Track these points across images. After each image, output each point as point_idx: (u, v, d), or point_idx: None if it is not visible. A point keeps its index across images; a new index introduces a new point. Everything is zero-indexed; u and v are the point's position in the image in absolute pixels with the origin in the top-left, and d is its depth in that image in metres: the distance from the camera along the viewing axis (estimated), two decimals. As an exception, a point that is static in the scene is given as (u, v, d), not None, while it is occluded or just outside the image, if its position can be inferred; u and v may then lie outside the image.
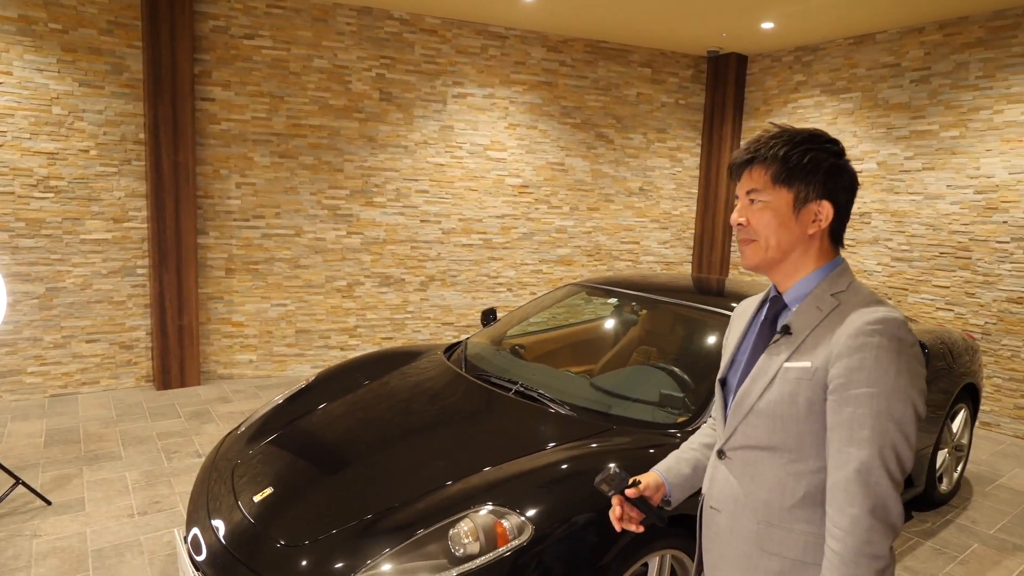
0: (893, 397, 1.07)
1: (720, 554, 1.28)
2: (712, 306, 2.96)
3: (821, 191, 1.21)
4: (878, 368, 1.08)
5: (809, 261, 1.24)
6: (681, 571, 2.21)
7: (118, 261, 4.98)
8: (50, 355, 4.86)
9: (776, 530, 1.18)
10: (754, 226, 1.24)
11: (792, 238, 1.22)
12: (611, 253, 6.93)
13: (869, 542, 1.05)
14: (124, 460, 3.86)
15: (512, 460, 2.16)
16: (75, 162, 4.73)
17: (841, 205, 1.23)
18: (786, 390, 1.16)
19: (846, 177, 1.23)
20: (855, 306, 1.16)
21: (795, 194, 1.21)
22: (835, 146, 1.24)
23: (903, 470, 1.08)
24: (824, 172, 1.20)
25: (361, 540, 1.93)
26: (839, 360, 1.10)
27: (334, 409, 2.75)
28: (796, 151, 1.21)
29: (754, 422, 1.21)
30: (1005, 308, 5.17)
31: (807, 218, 1.21)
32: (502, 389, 2.73)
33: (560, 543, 1.83)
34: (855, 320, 1.12)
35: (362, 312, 5.88)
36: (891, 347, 1.09)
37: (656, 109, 6.85)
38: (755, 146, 1.24)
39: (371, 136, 5.65)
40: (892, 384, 1.07)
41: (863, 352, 1.09)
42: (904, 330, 1.11)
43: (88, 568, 2.79)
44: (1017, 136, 5.04)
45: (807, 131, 1.24)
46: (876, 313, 1.12)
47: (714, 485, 1.31)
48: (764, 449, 1.20)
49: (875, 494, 1.06)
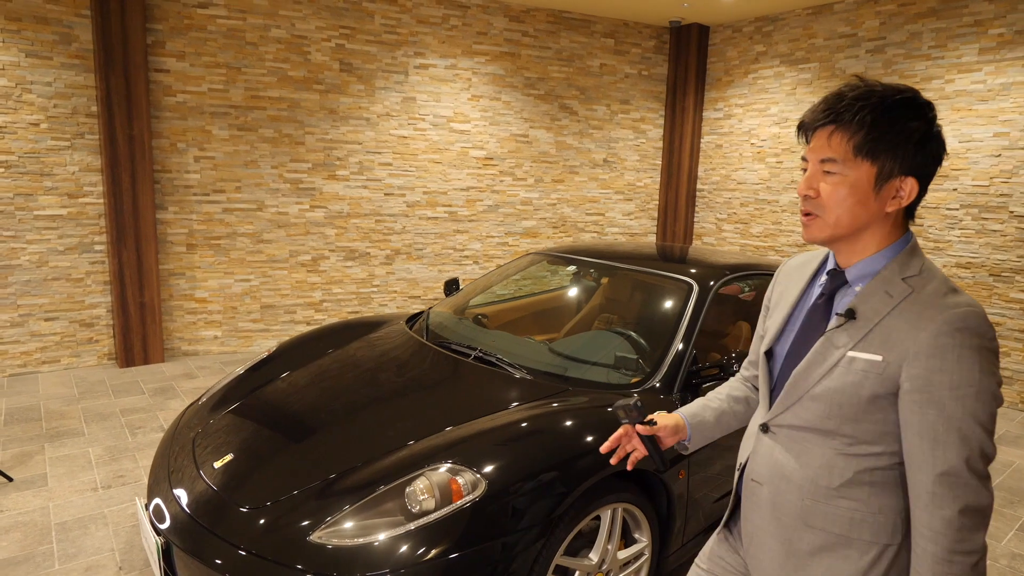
0: (978, 398, 1.03)
1: (760, 525, 1.26)
2: (670, 272, 3.03)
3: (908, 166, 1.09)
4: (961, 369, 1.03)
5: (880, 238, 1.15)
6: (633, 524, 2.30)
7: (74, 237, 4.88)
8: (7, 334, 4.77)
9: (821, 506, 1.16)
10: (824, 201, 1.13)
11: (868, 216, 1.12)
12: (576, 225, 6.99)
13: (962, 540, 1.04)
14: (87, 436, 3.83)
15: (472, 421, 2.22)
16: (25, 136, 4.60)
17: (927, 180, 1.13)
18: (849, 380, 1.11)
19: (936, 147, 1.11)
20: (931, 296, 1.08)
21: (879, 169, 1.09)
22: (930, 111, 1.10)
23: (988, 463, 1.06)
24: (915, 144, 1.08)
25: (322, 499, 1.98)
26: (918, 359, 1.05)
27: (296, 378, 2.78)
28: (886, 119, 1.07)
29: (809, 405, 1.16)
30: (954, 274, 5.36)
31: (887, 195, 1.11)
32: (463, 356, 2.78)
33: (513, 497, 1.90)
34: (936, 316, 1.06)
35: (328, 286, 5.87)
36: (974, 345, 1.03)
37: (619, 80, 6.87)
38: (838, 106, 1.10)
39: (332, 108, 5.58)
40: (977, 384, 1.03)
41: (946, 353, 1.04)
42: (985, 324, 1.05)
43: (52, 541, 2.80)
44: (967, 105, 5.19)
45: (899, 93, 1.09)
46: (957, 309, 1.05)
47: (757, 458, 1.27)
48: (816, 431, 1.17)
49: (965, 495, 1.04)
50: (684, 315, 2.73)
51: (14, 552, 2.71)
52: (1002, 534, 3.19)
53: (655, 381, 2.51)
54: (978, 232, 5.18)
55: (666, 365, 2.55)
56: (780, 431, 1.23)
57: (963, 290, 1.13)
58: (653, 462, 1.34)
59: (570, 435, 2.12)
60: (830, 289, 1.21)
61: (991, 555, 3.00)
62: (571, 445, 2.08)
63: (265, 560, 1.84)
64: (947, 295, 1.09)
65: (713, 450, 2.51)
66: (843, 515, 1.16)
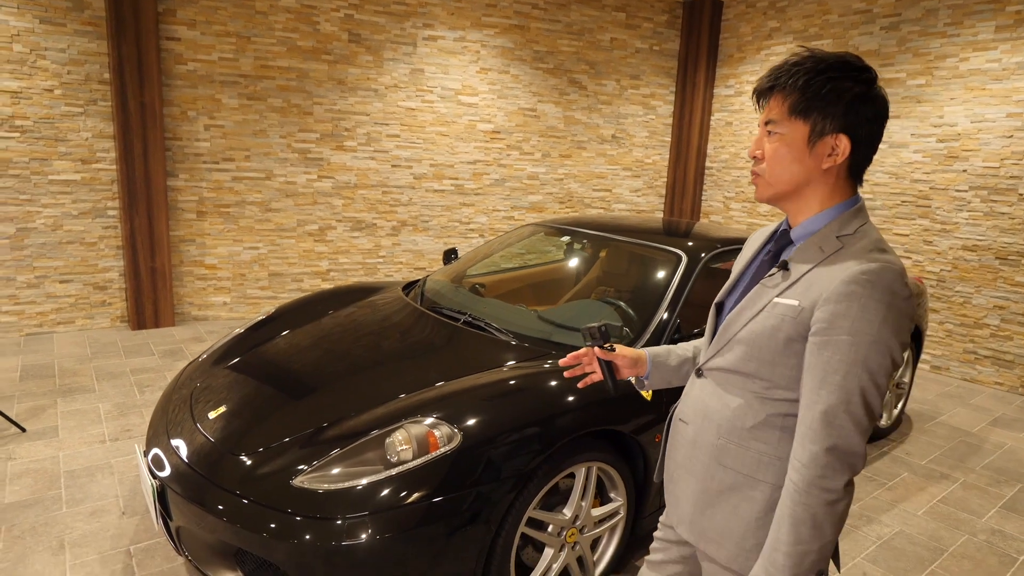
0: (872, 348, 1.08)
1: (680, 463, 1.35)
2: (660, 243, 3.07)
3: (840, 123, 1.15)
4: (863, 318, 1.08)
5: (822, 198, 1.20)
6: (609, 484, 2.38)
7: (88, 202, 5.01)
8: (24, 295, 4.93)
9: (734, 447, 1.24)
10: (767, 160, 1.20)
11: (804, 173, 1.18)
12: (583, 201, 7.01)
13: (823, 476, 1.10)
14: (97, 393, 3.98)
15: (457, 379, 2.30)
16: (40, 101, 4.71)
17: (862, 139, 1.16)
18: (769, 323, 1.18)
19: (871, 108, 1.15)
20: (857, 251, 1.14)
21: (811, 126, 1.15)
22: (864, 73, 1.15)
23: (870, 416, 1.11)
24: (846, 103, 1.14)
25: (311, 446, 2.07)
26: (826, 304, 1.11)
27: (294, 337, 2.87)
28: (818, 79, 1.14)
29: (735, 348, 1.24)
30: (960, 256, 5.33)
31: (822, 152, 1.16)
32: (453, 321, 2.85)
33: (487, 450, 1.98)
34: (851, 267, 1.11)
35: (334, 256, 5.96)
36: (880, 299, 1.08)
37: (630, 55, 6.83)
38: (776, 72, 1.18)
39: (340, 79, 5.63)
40: (874, 335, 1.08)
41: (851, 300, 1.09)
42: (899, 283, 1.09)
43: (60, 486, 2.94)
44: (980, 84, 5.11)
45: (834, 57, 1.15)
46: (873, 263, 1.10)
47: (687, 400, 1.36)
48: (738, 373, 1.24)
49: (837, 435, 1.10)
50: (671, 285, 2.78)
51: (25, 496, 2.86)
52: (984, 511, 3.23)
53: (637, 348, 2.56)
54: (986, 214, 5.13)
55: (649, 332, 2.61)
56: (710, 374, 1.31)
57: (893, 252, 1.17)
58: (606, 386, 1.44)
59: (549, 395, 2.19)
60: (776, 247, 1.28)
61: (971, 529, 3.05)
62: (549, 404, 2.15)
63: (253, 503, 1.94)
64: (871, 252, 1.14)
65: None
66: (752, 456, 1.23)
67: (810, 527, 1.11)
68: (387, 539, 1.83)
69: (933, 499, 3.32)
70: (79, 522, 2.69)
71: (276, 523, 1.88)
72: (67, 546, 2.54)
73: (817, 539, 1.11)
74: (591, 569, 2.36)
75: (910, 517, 3.13)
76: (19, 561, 2.44)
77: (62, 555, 2.48)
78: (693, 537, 1.32)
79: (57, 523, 2.68)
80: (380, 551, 1.83)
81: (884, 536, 2.95)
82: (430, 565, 1.89)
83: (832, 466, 1.10)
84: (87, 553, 2.50)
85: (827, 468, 1.10)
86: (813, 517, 1.11)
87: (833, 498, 1.11)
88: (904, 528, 3.02)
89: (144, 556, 2.50)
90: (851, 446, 1.10)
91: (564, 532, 2.23)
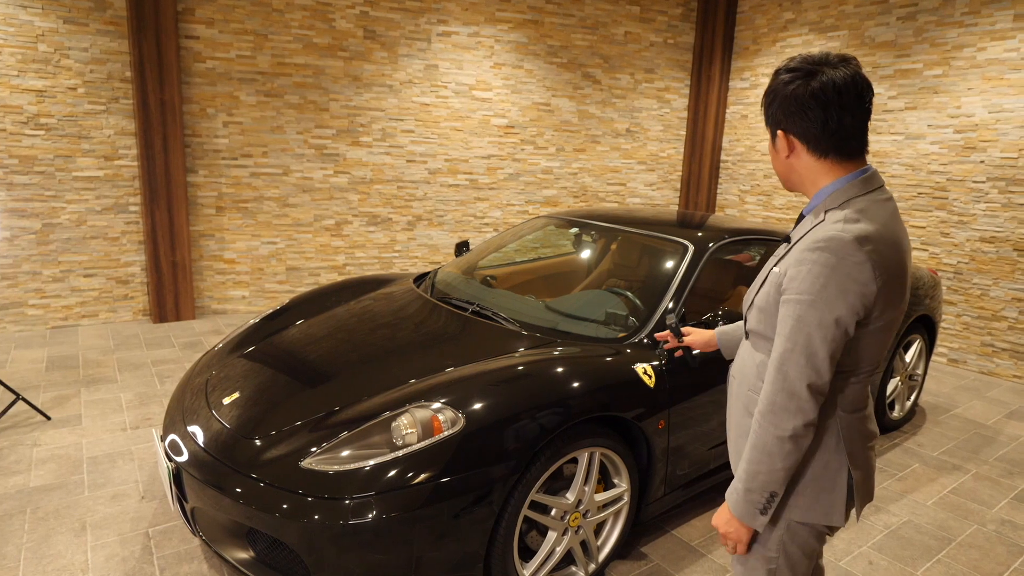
0: (814, 306, 1.24)
1: (729, 412, 1.56)
2: (668, 234, 3.09)
3: (775, 127, 1.36)
4: (809, 279, 1.24)
5: (812, 178, 1.37)
6: (613, 469, 2.41)
7: (111, 198, 5.14)
8: (50, 288, 5.07)
9: (755, 396, 1.42)
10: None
11: (782, 167, 1.41)
12: (597, 195, 7.02)
13: (772, 412, 1.28)
14: (120, 383, 4.10)
15: (464, 365, 2.35)
16: (64, 100, 4.84)
17: (799, 130, 1.31)
18: (766, 290, 1.37)
19: (790, 103, 1.30)
20: (827, 224, 1.28)
21: (770, 132, 1.39)
22: (791, 74, 1.31)
23: (815, 367, 1.25)
24: (776, 107, 1.34)
25: (322, 428, 2.14)
26: (790, 268, 1.29)
27: (308, 326, 2.94)
28: (766, 93, 1.38)
29: (753, 313, 1.44)
30: (977, 248, 5.27)
31: (781, 148, 1.38)
32: (462, 311, 2.90)
33: (491, 434, 2.03)
34: (811, 235, 1.28)
35: (351, 251, 6.05)
36: (827, 263, 1.22)
37: (644, 48, 6.83)
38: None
39: (356, 75, 5.70)
40: (815, 294, 1.23)
41: (801, 265, 1.26)
42: (847, 249, 1.22)
43: (83, 472, 3.04)
44: (998, 74, 5.04)
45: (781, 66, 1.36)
46: (828, 231, 1.25)
47: (737, 358, 1.57)
48: (758, 334, 1.43)
49: (783, 380, 1.27)
50: (676, 274, 2.80)
51: (49, 480, 2.96)
52: (995, 501, 3.21)
53: (641, 336, 2.59)
54: (1004, 206, 5.07)
55: (653, 321, 2.63)
56: (749, 335, 1.50)
57: (872, 221, 1.27)
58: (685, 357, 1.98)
59: (552, 381, 2.23)
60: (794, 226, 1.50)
61: (980, 519, 3.03)
62: (552, 390, 2.19)
63: (265, 484, 2.01)
64: (837, 222, 1.27)
65: (696, 404, 2.59)
66: None
67: (760, 451, 1.31)
68: (393, 519, 1.89)
69: (943, 490, 3.30)
70: (100, 505, 2.79)
71: (287, 503, 1.95)
72: (89, 528, 2.63)
73: (766, 463, 1.30)
74: (595, 553, 2.40)
75: (919, 507, 3.12)
76: (43, 541, 2.54)
77: (84, 536, 2.58)
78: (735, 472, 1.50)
79: (79, 506, 2.78)
80: (386, 530, 1.89)
81: (892, 525, 2.95)
82: (435, 545, 1.95)
83: (781, 405, 1.28)
84: (108, 535, 2.59)
85: (776, 406, 1.28)
86: (764, 445, 1.30)
87: (780, 433, 1.28)
88: (912, 518, 3.02)
89: (162, 538, 2.59)
90: (795, 390, 1.26)
91: (568, 516, 2.27)
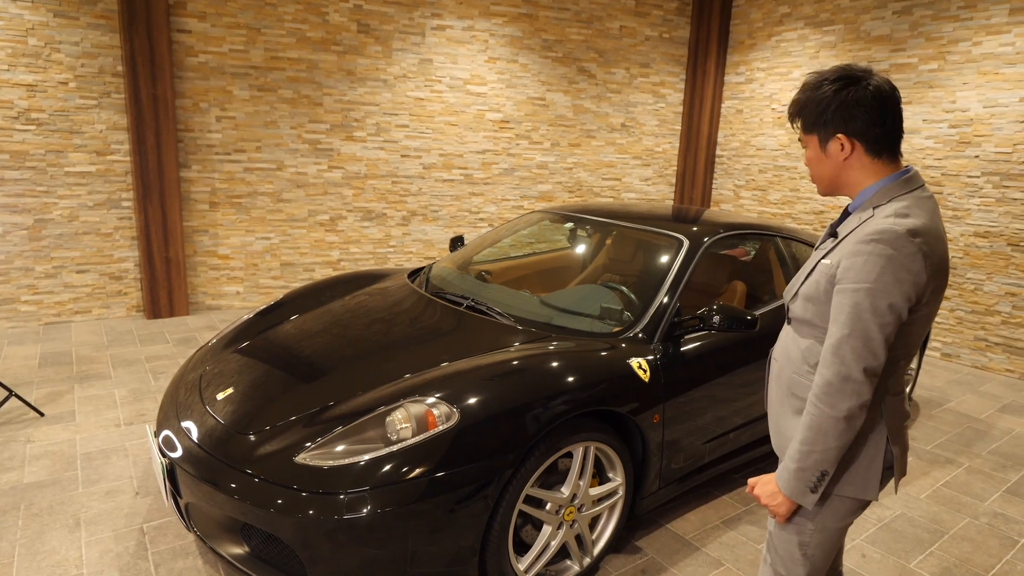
0: (870, 294, 1.32)
1: (770, 392, 1.66)
2: (663, 229, 3.09)
3: (834, 128, 1.42)
4: (865, 269, 1.33)
5: (858, 180, 1.46)
6: (608, 464, 2.41)
7: (103, 194, 5.10)
8: (42, 284, 5.05)
9: (802, 379, 1.52)
10: (808, 167, 1.55)
11: (831, 170, 1.48)
12: (592, 190, 7.01)
13: (828, 394, 1.37)
14: (113, 379, 4.08)
15: (459, 360, 2.34)
16: (55, 94, 4.80)
17: (860, 131, 1.40)
18: (814, 279, 1.47)
19: (854, 106, 1.39)
20: (878, 219, 1.37)
21: (818, 137, 1.46)
22: (838, 82, 1.40)
23: (871, 351, 1.34)
24: (831, 112, 1.41)
25: (316, 424, 2.13)
26: (844, 260, 1.37)
27: (302, 321, 2.93)
28: (809, 103, 1.44)
29: (799, 301, 1.53)
30: (972, 242, 5.28)
31: (835, 151, 1.44)
32: (456, 305, 2.90)
33: (485, 429, 2.02)
34: (864, 229, 1.36)
35: (345, 246, 6.03)
36: (883, 253, 1.32)
37: (640, 43, 6.81)
38: (791, 105, 1.50)
39: (350, 69, 5.67)
40: (874, 283, 1.32)
41: (856, 256, 1.34)
42: (901, 241, 1.31)
43: (77, 468, 3.03)
44: (994, 68, 5.05)
45: (822, 75, 1.43)
46: (882, 224, 1.34)
47: (778, 342, 1.67)
48: (803, 321, 1.52)
49: (840, 363, 1.36)
50: (671, 269, 2.80)
51: (42, 476, 2.95)
52: (987, 494, 3.23)
53: (637, 331, 2.59)
54: (998, 200, 5.08)
55: (648, 316, 2.63)
56: (792, 322, 1.60)
57: (920, 216, 1.37)
58: None
59: (547, 375, 2.23)
60: (837, 222, 1.54)
61: (973, 512, 3.05)
62: (546, 385, 2.19)
63: (260, 480, 2.00)
64: (888, 217, 1.36)
65: (691, 398, 2.59)
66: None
67: (815, 432, 1.39)
68: (387, 513, 1.88)
69: (936, 483, 3.32)
70: (94, 501, 2.78)
71: (282, 498, 1.94)
72: (83, 524, 2.62)
73: (820, 443, 1.39)
74: (590, 547, 2.40)
75: (912, 500, 3.13)
76: (37, 538, 2.53)
77: (78, 532, 2.57)
78: (777, 451, 1.62)
79: (73, 502, 2.77)
80: (380, 525, 1.89)
81: (885, 519, 2.96)
82: (429, 540, 1.95)
83: (837, 387, 1.36)
84: (102, 531, 2.59)
85: (832, 388, 1.37)
86: (819, 425, 1.38)
87: (836, 414, 1.36)
88: (905, 511, 3.03)
89: (156, 533, 2.58)
90: (851, 373, 1.35)
91: (562, 510, 2.27)
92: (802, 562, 1.54)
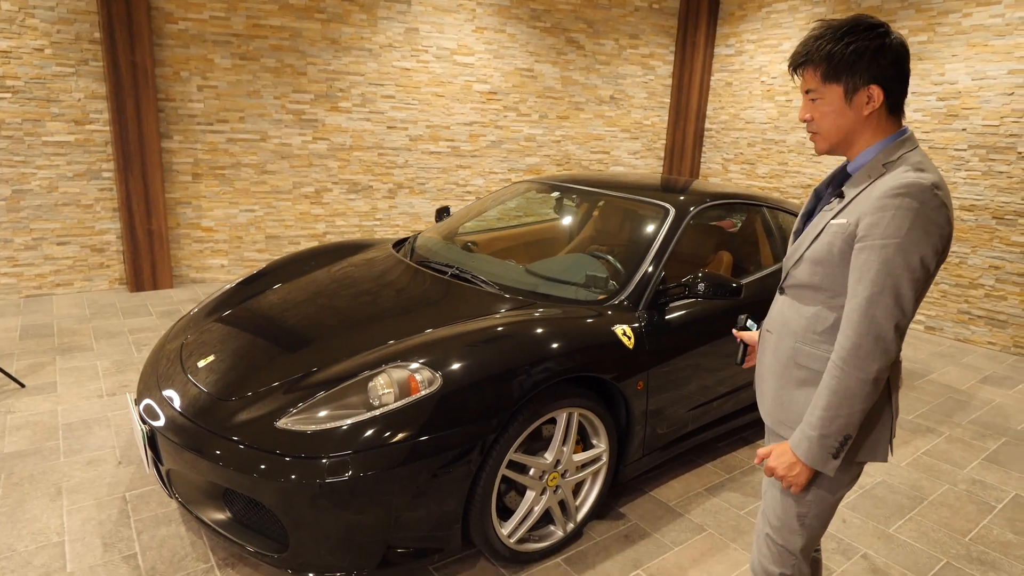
0: (900, 248, 1.27)
1: (766, 365, 1.60)
2: (650, 198, 3.07)
3: (867, 77, 1.34)
4: (893, 224, 1.27)
5: (869, 136, 1.39)
6: (591, 430, 2.42)
7: (83, 164, 5.01)
8: (22, 257, 4.96)
9: (807, 348, 1.46)
10: (817, 122, 1.42)
11: (849, 123, 1.39)
12: (580, 163, 6.96)
13: (857, 357, 1.31)
14: (96, 351, 4.04)
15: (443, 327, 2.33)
16: (30, 61, 4.68)
17: (890, 83, 1.34)
18: (825, 241, 1.39)
19: (890, 55, 1.33)
20: (895, 174, 1.31)
21: (844, 87, 1.36)
22: (876, 29, 1.33)
23: (901, 308, 1.29)
24: (868, 59, 1.33)
25: (299, 389, 2.11)
26: (866, 216, 1.30)
27: (285, 290, 2.90)
28: (839, 47, 1.34)
29: (803, 266, 1.46)
30: (957, 216, 5.30)
31: (860, 103, 1.36)
32: (441, 274, 2.87)
33: (468, 394, 2.02)
34: (887, 183, 1.30)
35: (331, 219, 5.97)
36: (910, 207, 1.26)
37: (629, 13, 6.72)
38: (804, 48, 1.39)
39: (334, 38, 5.56)
40: (902, 238, 1.27)
41: (883, 212, 1.28)
42: (927, 195, 1.26)
43: (59, 438, 3.01)
44: (983, 40, 5.03)
45: (847, 22, 1.35)
46: (905, 178, 1.28)
47: (771, 314, 1.60)
48: (808, 287, 1.46)
49: (870, 323, 1.30)
50: (657, 237, 2.78)
51: (24, 446, 2.92)
52: (967, 462, 3.28)
53: (621, 298, 2.58)
54: (984, 174, 5.09)
55: (633, 284, 2.62)
56: (788, 290, 1.54)
57: (934, 170, 1.33)
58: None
59: (530, 341, 2.22)
60: (838, 182, 1.49)
61: (952, 479, 3.10)
62: (530, 350, 2.18)
63: (242, 445, 1.99)
64: (907, 171, 1.31)
65: (676, 367, 2.60)
66: (822, 356, 1.45)
67: (842, 396, 1.34)
68: (370, 477, 1.88)
69: (917, 451, 3.36)
70: (76, 471, 2.76)
71: (264, 463, 1.93)
72: (64, 492, 2.61)
73: (847, 407, 1.34)
74: (573, 513, 2.42)
75: (893, 468, 3.18)
76: (17, 506, 2.51)
77: (59, 501, 2.55)
78: (774, 424, 1.58)
79: (55, 471, 2.75)
80: (363, 489, 1.88)
81: (866, 485, 3.00)
82: (412, 504, 1.95)
83: (867, 349, 1.31)
84: (84, 499, 2.57)
85: (862, 350, 1.31)
86: (847, 389, 1.33)
87: (865, 376, 1.32)
88: (886, 478, 3.07)
89: (139, 502, 2.57)
90: (883, 332, 1.30)
91: (546, 476, 2.28)
92: (800, 531, 1.53)
